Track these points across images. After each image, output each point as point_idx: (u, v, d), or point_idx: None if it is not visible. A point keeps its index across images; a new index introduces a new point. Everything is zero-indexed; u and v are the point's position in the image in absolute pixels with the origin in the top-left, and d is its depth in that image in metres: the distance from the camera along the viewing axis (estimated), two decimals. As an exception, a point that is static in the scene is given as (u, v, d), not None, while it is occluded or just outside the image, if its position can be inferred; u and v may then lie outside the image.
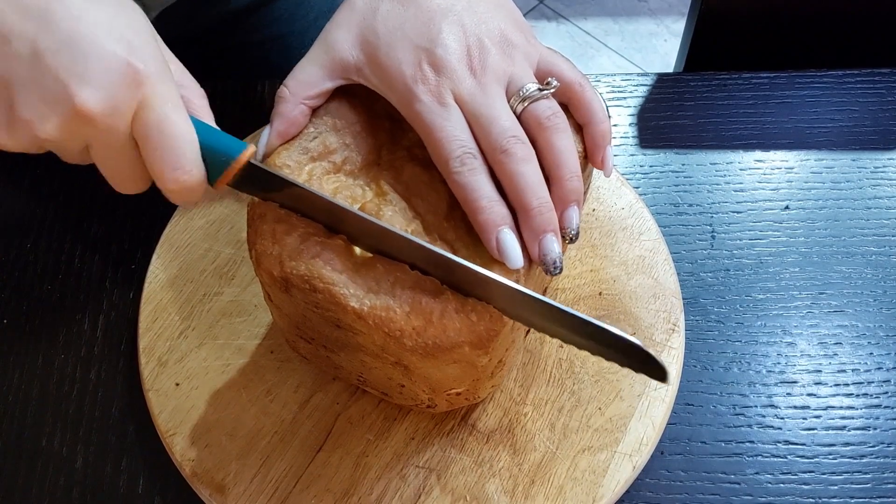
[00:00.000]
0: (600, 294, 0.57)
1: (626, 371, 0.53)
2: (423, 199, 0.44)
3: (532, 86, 0.43)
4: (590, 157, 0.47)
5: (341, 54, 0.44)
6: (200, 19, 0.75)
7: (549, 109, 0.43)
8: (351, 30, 0.44)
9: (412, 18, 0.43)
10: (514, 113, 0.43)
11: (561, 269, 0.42)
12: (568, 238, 0.43)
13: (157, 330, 0.55)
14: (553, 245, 0.41)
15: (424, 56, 0.42)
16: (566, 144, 0.43)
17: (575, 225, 0.43)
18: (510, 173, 0.41)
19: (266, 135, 0.45)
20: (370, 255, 0.42)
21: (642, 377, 0.53)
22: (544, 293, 0.56)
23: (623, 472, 0.50)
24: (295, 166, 0.44)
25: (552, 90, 0.44)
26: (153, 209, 0.63)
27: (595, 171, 0.48)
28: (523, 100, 0.43)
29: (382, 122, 0.47)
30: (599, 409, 0.52)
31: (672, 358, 0.54)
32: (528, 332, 0.54)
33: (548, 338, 0.55)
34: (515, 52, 0.44)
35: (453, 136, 0.41)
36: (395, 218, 0.43)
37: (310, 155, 0.45)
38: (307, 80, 0.44)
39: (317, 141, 0.45)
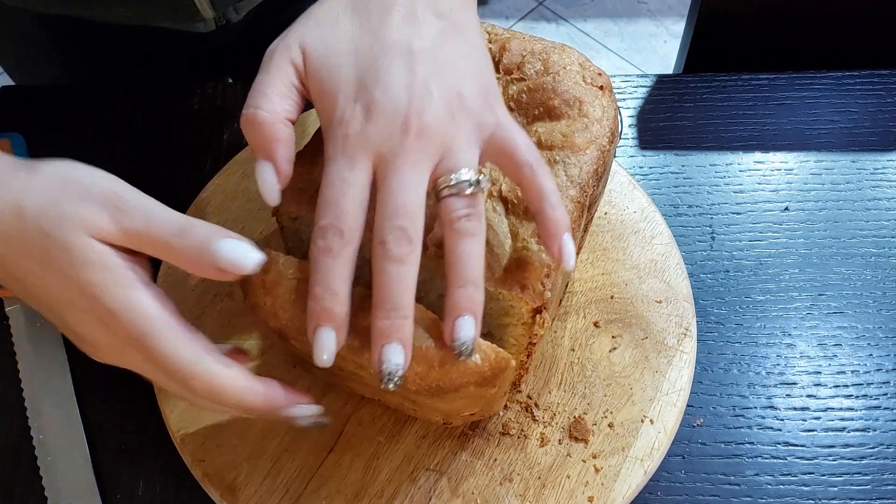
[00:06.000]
0: (612, 297, 0.57)
1: (639, 375, 0.53)
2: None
3: (464, 175, 0.37)
4: (546, 248, 0.41)
5: (293, 57, 0.39)
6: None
7: (463, 209, 0.37)
8: (306, 34, 0.40)
9: (365, 47, 0.38)
10: (437, 194, 0.38)
11: (397, 384, 0.37)
12: (457, 352, 0.38)
13: (162, 330, 0.55)
14: (393, 355, 0.36)
15: (362, 93, 0.38)
16: (470, 250, 0.37)
17: (464, 338, 0.37)
18: (377, 269, 0.37)
19: (266, 173, 0.39)
20: (365, 290, 0.39)
21: (655, 382, 0.53)
22: (566, 287, 0.56)
23: (634, 476, 0.50)
24: (317, 171, 0.42)
25: (479, 189, 0.38)
26: (153, 210, 0.63)
27: (609, 175, 0.47)
28: (447, 187, 0.38)
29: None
30: (611, 412, 0.52)
31: (684, 363, 0.54)
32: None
33: (559, 341, 0.55)
34: (465, 117, 0.38)
35: (336, 200, 0.37)
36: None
37: None
38: (277, 93, 0.39)
39: None
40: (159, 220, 0.37)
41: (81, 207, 0.37)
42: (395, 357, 0.36)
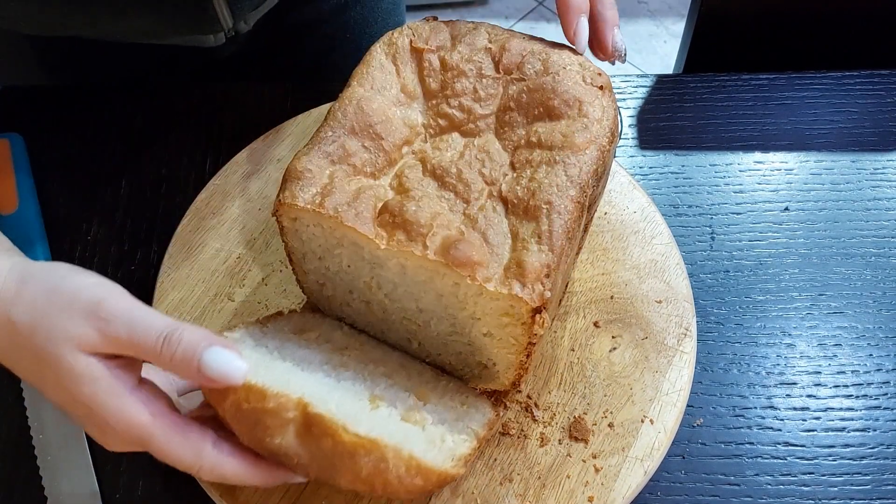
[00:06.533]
0: (612, 298, 0.57)
1: (639, 375, 0.53)
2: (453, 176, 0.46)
3: None
4: (596, 44, 0.52)
5: None
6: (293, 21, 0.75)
7: None
8: None
9: None
10: None
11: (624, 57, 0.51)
12: (618, 57, 0.50)
13: (158, 331, 0.55)
14: (618, 37, 0.50)
15: None
16: None
17: (621, 45, 0.51)
18: None
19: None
20: (313, 412, 0.40)
21: (655, 382, 0.53)
22: (566, 287, 0.56)
23: (635, 476, 0.50)
24: (316, 171, 0.45)
25: None
26: (152, 211, 0.63)
27: (609, 175, 0.48)
28: None
29: (400, 121, 0.48)
30: (611, 412, 0.52)
31: (684, 363, 0.54)
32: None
33: (559, 341, 0.55)
34: None
35: None
36: (424, 201, 0.44)
37: (329, 159, 0.46)
38: None
39: (335, 145, 0.46)
40: (143, 328, 0.39)
41: (67, 321, 0.38)
42: (620, 36, 0.50)
